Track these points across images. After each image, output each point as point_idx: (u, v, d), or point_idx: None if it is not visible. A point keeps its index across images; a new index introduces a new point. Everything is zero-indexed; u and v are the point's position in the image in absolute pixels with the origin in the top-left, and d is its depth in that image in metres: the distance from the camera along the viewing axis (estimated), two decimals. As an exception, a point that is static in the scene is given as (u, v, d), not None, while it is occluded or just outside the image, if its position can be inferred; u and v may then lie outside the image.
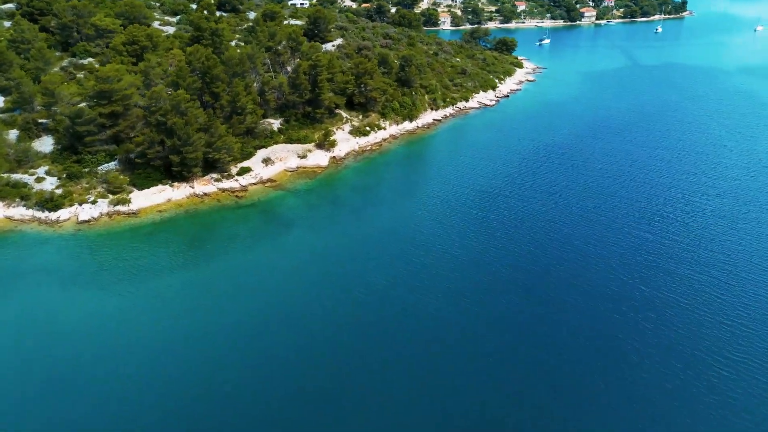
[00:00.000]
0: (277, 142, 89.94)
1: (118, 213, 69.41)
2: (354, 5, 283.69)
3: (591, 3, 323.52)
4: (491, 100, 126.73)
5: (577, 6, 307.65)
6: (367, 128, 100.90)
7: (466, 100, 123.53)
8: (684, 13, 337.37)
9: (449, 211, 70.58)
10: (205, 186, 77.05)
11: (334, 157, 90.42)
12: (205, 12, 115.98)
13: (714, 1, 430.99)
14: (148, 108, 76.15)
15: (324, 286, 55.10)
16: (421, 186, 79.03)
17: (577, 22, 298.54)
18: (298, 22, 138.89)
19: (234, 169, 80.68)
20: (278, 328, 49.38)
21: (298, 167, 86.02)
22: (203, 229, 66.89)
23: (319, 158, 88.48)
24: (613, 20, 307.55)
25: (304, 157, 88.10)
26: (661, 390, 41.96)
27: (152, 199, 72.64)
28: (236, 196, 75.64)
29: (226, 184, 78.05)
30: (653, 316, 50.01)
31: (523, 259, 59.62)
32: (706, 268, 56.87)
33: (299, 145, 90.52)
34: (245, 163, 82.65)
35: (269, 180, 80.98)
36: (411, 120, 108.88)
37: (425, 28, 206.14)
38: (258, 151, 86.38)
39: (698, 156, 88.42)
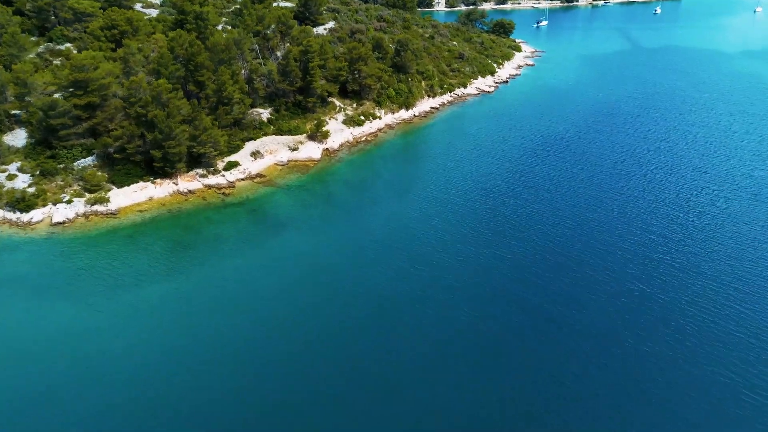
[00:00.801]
0: (266, 134, 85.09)
1: (96, 213, 64.73)
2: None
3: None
4: (490, 87, 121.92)
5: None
6: (362, 117, 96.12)
7: (465, 87, 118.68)
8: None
9: (449, 211, 66.43)
10: (189, 182, 72.36)
11: (327, 149, 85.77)
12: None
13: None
14: (126, 99, 70.99)
15: (317, 297, 51.04)
16: (418, 182, 74.65)
17: (574, 3, 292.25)
18: (288, 4, 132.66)
19: (220, 164, 75.95)
20: (267, 344, 45.44)
21: (289, 161, 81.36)
22: (187, 231, 62.38)
23: (311, 150, 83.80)
24: (611, 1, 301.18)
25: (295, 149, 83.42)
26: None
27: (133, 197, 67.95)
28: (223, 193, 71.04)
29: (212, 180, 73.36)
30: (693, 343, 46.48)
31: (528, 265, 55.74)
32: (725, 278, 53.24)
33: (290, 137, 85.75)
34: (232, 157, 77.87)
35: (258, 175, 76.36)
36: (407, 108, 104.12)
37: (419, 9, 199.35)
38: (246, 143, 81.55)
39: (708, 147, 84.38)
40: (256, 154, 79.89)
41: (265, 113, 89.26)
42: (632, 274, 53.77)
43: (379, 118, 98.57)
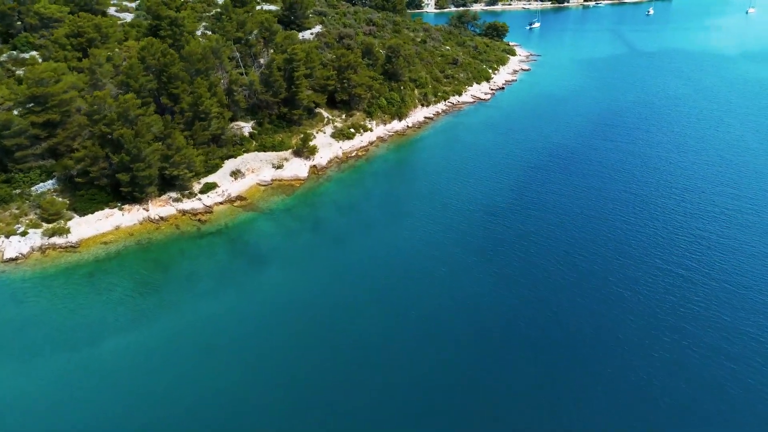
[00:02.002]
0: (248, 150, 78.21)
1: (54, 247, 57.54)
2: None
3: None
4: (486, 94, 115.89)
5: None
6: (352, 130, 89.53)
7: (459, 94, 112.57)
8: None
9: (448, 238, 60.14)
10: (161, 207, 65.34)
11: (314, 166, 79.06)
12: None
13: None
14: (90, 116, 63.80)
15: (301, 350, 44.45)
16: (414, 204, 68.23)
17: (565, 4, 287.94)
18: (273, 8, 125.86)
19: (197, 186, 68.96)
20: (248, 408, 38.75)
21: (272, 180, 74.57)
22: (157, 267, 55.37)
23: (297, 168, 77.06)
24: (602, 2, 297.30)
25: (279, 167, 76.64)
26: None
27: (97, 226, 60.80)
28: (199, 219, 64.07)
29: (187, 204, 66.38)
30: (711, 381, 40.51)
31: (534, 300, 49.59)
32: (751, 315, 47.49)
33: (274, 153, 78.94)
34: (210, 178, 70.92)
35: (238, 197, 69.48)
36: (400, 118, 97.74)
37: (408, 11, 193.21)
38: (225, 162, 74.64)
39: (723, 162, 78.78)
40: (236, 174, 73.00)
41: (246, 127, 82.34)
42: (666, 322, 47.83)
43: (370, 130, 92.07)
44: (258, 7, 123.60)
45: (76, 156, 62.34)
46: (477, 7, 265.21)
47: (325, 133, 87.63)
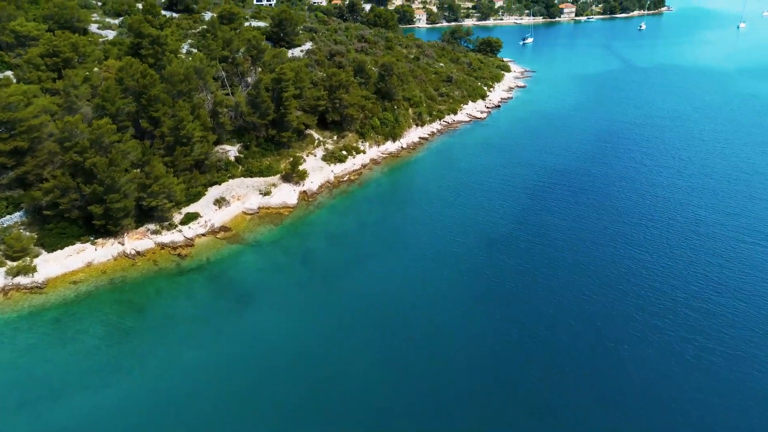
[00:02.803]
0: (233, 176, 73.74)
1: (18, 287, 52.50)
2: (324, 2, 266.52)
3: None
4: (482, 112, 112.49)
5: (556, 2, 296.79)
6: (344, 152, 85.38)
7: (455, 113, 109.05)
8: (663, 9, 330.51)
9: (446, 272, 56.09)
10: (138, 241, 60.53)
11: (304, 192, 74.69)
12: (149, 14, 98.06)
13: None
14: (61, 143, 59.13)
15: (294, 399, 39.81)
16: (410, 233, 64.04)
17: (557, 19, 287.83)
18: (262, 24, 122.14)
19: (177, 217, 64.25)
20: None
21: (259, 208, 70.06)
22: (131, 310, 50.47)
23: (285, 195, 72.63)
24: (593, 17, 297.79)
25: (267, 193, 72.16)
26: None
27: (66, 264, 55.84)
28: (179, 254, 59.28)
29: (167, 237, 61.60)
30: None
31: (540, 348, 45.33)
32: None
33: (261, 179, 74.52)
34: (192, 207, 66.28)
35: (222, 228, 64.82)
36: (394, 139, 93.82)
37: (400, 26, 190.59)
38: (209, 189, 70.09)
39: (732, 187, 75.41)
40: (220, 202, 68.41)
41: (232, 151, 77.93)
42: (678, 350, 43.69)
43: (363, 152, 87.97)
44: (246, 24, 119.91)
45: (45, 186, 57.49)
46: (469, 22, 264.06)
47: (315, 156, 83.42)
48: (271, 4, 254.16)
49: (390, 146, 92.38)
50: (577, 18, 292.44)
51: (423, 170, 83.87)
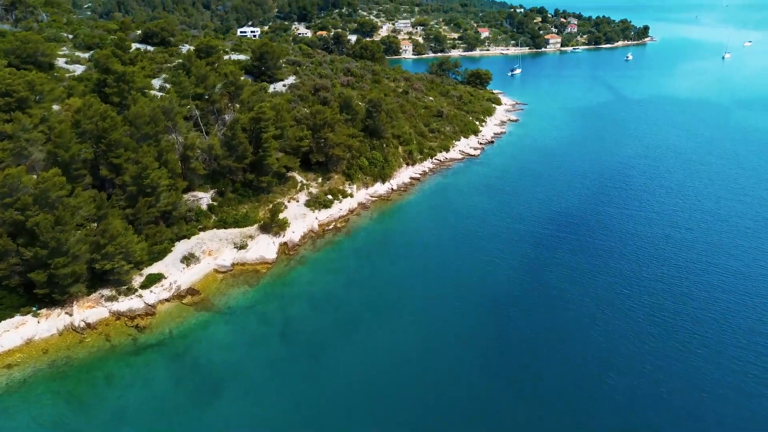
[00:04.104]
0: (205, 228, 65.97)
1: (-63, 375, 43.78)
2: (309, 34, 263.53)
3: (554, 30, 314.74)
4: (475, 149, 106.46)
5: (541, 33, 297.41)
6: (329, 197, 78.13)
7: (447, 150, 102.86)
8: (646, 39, 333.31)
9: (448, 343, 48.69)
10: (90, 310, 52.15)
11: (285, 243, 67.04)
12: (118, 48, 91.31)
13: (670, 26, 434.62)
14: (0, 199, 51.10)
15: None
16: (405, 293, 56.56)
17: (543, 50, 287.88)
18: (242, 57, 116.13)
19: (137, 279, 56.10)
20: None
21: (233, 264, 62.18)
22: (71, 404, 41.90)
23: (264, 248, 64.87)
24: (579, 47, 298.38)
25: (242, 247, 64.40)
26: None
27: (1, 341, 47.23)
28: (137, 326, 50.94)
29: (124, 304, 53.30)
30: None
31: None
32: None
33: (236, 230, 66.86)
34: (155, 267, 58.20)
35: (190, 291, 56.71)
36: (383, 180, 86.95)
37: (386, 56, 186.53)
38: (176, 244, 62.16)
39: (746, 234, 69.30)
40: (189, 259, 60.42)
41: (205, 198, 70.29)
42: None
43: (351, 195, 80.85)
44: (226, 57, 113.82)
45: (-22, 250, 49.22)
46: (455, 53, 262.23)
47: (298, 201, 76.05)
48: (255, 35, 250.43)
49: (379, 188, 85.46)
50: (562, 48, 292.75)
51: (416, 216, 76.73)
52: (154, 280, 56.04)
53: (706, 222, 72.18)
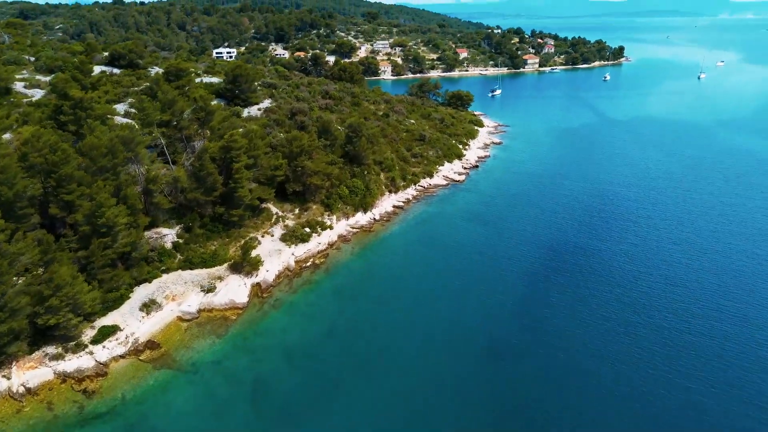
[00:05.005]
0: (169, 269, 59.76)
1: None
2: (286, 55, 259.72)
3: (532, 50, 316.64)
4: (459, 174, 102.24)
5: (519, 53, 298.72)
6: (307, 229, 72.61)
7: (431, 176, 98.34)
8: (622, 60, 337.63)
9: (442, 403, 42.89)
10: (32, 371, 45.50)
11: (257, 284, 61.18)
12: (78, 71, 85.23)
13: (643, 46, 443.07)
14: (-74, 246, 44.56)
15: None
16: (392, 344, 51.05)
17: (521, 70, 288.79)
18: (215, 80, 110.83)
19: (89, 332, 49.62)
20: None
21: (200, 310, 56.03)
22: (-2, 496, 35.34)
23: (234, 290, 58.88)
24: (557, 67, 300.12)
25: (210, 290, 58.34)
26: None
27: None
28: (85, 389, 44.38)
29: (71, 363, 46.74)
30: None
31: None
32: None
33: (204, 271, 60.82)
34: (110, 317, 51.78)
35: (149, 344, 50.35)
36: (365, 210, 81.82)
37: (365, 77, 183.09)
38: (135, 289, 55.90)
39: (754, 264, 65.74)
40: (149, 306, 54.13)
41: (170, 235, 64.19)
42: None
43: (330, 227, 75.43)
44: (198, 80, 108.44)
45: None
46: (434, 74, 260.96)
47: (273, 235, 70.37)
48: (231, 56, 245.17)
49: (361, 218, 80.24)
50: (541, 69, 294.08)
51: (401, 250, 71.53)
52: (107, 333, 49.59)
53: (705, 246, 68.56)
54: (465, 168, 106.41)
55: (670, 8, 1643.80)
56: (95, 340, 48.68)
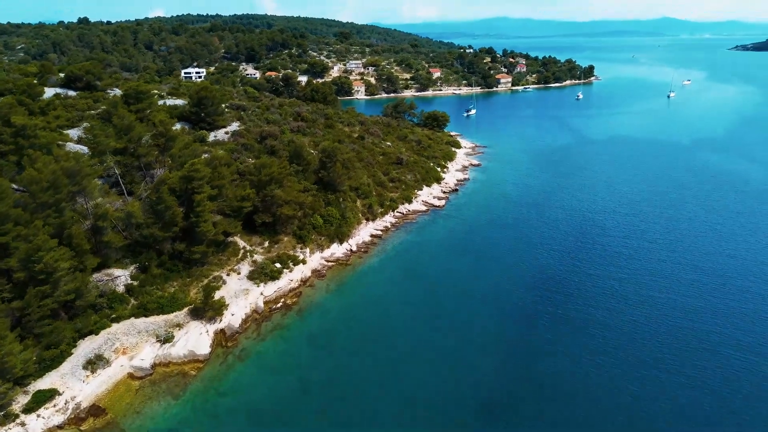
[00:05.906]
0: (120, 317, 53.01)
1: None
2: (257, 75, 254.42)
3: (504, 69, 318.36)
4: (439, 199, 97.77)
5: (492, 72, 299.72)
6: (277, 265, 66.71)
7: (409, 201, 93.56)
8: (592, 78, 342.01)
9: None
10: (-53, 452, 38.36)
11: (221, 331, 54.89)
12: (25, 95, 78.33)
13: (611, 65, 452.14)
14: None
15: None
16: (373, 403, 45.25)
17: (494, 89, 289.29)
18: (180, 102, 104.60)
19: (22, 398, 42.61)
20: None
21: (155, 365, 49.43)
22: None
23: (194, 340, 52.47)
24: (530, 86, 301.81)
25: (168, 340, 51.85)
26: None
27: None
28: (11, 474, 37.48)
29: (-2, 439, 39.79)
30: None
31: None
32: None
33: (161, 318, 54.23)
34: (48, 379, 44.86)
35: (93, 410, 43.58)
36: (341, 241, 76.38)
37: (338, 97, 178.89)
38: (80, 342, 49.07)
39: (755, 300, 62.40)
40: (95, 363, 47.37)
41: (123, 276, 57.50)
42: None
43: (303, 261, 69.68)
44: (161, 102, 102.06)
45: None
46: (408, 93, 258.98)
47: (239, 273, 64.21)
48: (200, 77, 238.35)
49: (336, 250, 74.74)
50: (513, 88, 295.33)
51: (380, 286, 66.08)
52: (43, 399, 42.68)
53: (693, 275, 65.08)
54: (444, 192, 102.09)
55: (632, 29, 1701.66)
56: (28, 408, 41.74)
